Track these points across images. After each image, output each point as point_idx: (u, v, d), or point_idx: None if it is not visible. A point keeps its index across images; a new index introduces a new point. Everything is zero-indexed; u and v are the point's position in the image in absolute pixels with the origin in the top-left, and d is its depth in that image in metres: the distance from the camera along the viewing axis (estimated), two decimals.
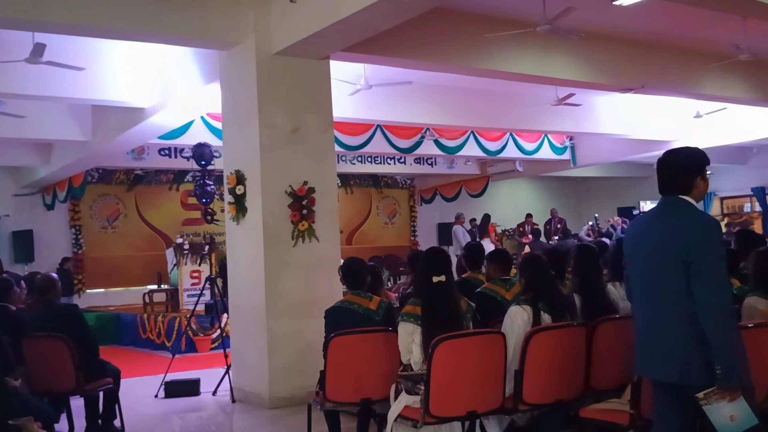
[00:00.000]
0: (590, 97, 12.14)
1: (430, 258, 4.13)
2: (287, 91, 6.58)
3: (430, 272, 4.03)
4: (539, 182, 21.23)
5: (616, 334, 4.16)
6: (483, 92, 11.52)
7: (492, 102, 11.79)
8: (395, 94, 10.45)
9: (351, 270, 4.64)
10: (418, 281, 4.20)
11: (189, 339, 9.97)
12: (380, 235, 18.89)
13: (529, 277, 4.13)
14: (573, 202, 21.81)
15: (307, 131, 6.65)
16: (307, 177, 6.55)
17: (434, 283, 4.00)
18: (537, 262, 4.19)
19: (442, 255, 4.15)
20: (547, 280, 4.12)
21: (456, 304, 4.06)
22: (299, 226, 6.46)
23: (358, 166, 16.06)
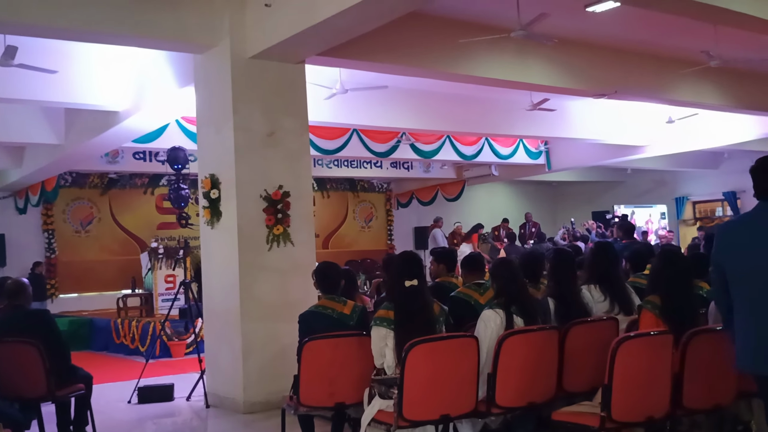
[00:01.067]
0: (564, 103, 12.25)
1: (402, 262, 4.14)
2: (262, 95, 6.56)
3: (403, 276, 4.04)
4: (515, 186, 21.35)
5: (588, 337, 4.20)
6: (459, 97, 11.57)
7: (467, 107, 11.85)
8: (371, 98, 10.46)
9: (324, 274, 4.63)
10: (391, 285, 4.21)
11: (163, 344, 9.88)
12: (357, 239, 18.87)
13: (500, 282, 4.15)
14: (548, 206, 21.96)
15: (283, 135, 6.64)
16: (283, 181, 6.54)
17: (407, 287, 4.01)
18: (508, 266, 4.21)
19: (415, 259, 4.16)
20: (518, 284, 4.15)
21: (429, 308, 4.07)
22: (274, 230, 6.45)
23: (334, 170, 16.04)
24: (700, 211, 20.24)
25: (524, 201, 21.25)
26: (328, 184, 18.06)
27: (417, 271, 4.09)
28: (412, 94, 11.13)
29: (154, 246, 12.30)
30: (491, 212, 19.48)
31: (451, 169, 17.97)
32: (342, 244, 18.44)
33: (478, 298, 4.80)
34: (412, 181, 18.57)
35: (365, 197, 19.14)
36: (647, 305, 4.00)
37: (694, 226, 19.48)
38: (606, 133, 13.50)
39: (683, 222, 19.98)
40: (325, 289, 4.65)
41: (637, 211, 19.04)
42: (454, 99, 11.58)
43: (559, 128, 13.01)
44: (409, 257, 4.20)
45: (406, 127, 12.16)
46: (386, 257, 6.44)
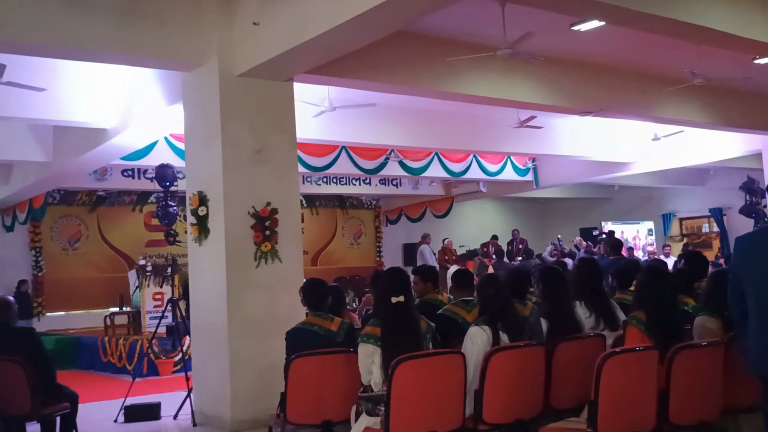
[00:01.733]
0: (551, 120, 12.33)
1: (388, 278, 4.13)
2: (251, 113, 6.57)
3: (389, 292, 4.03)
4: (503, 203, 21.42)
5: (575, 353, 4.20)
6: (446, 114, 11.63)
7: (455, 124, 11.91)
8: (359, 115, 10.50)
9: (311, 291, 4.62)
10: (378, 302, 4.20)
11: (151, 362, 9.80)
12: (345, 255, 18.85)
13: (486, 298, 4.15)
14: (536, 222, 22.02)
15: (271, 152, 6.64)
16: (271, 198, 6.54)
17: (393, 303, 4.00)
18: (494, 282, 4.22)
19: (401, 275, 4.16)
20: (504, 300, 4.15)
21: (416, 324, 4.06)
22: (262, 246, 6.43)
23: (323, 187, 16.05)
24: (686, 227, 20.37)
25: (512, 217, 21.30)
26: (317, 200, 18.07)
27: (403, 286, 4.08)
28: (400, 112, 11.18)
29: (142, 263, 12.22)
30: (479, 229, 19.50)
31: (440, 186, 18.02)
32: (331, 261, 18.40)
33: (465, 316, 4.80)
34: (400, 197, 18.60)
35: (354, 214, 19.14)
36: (633, 321, 4.01)
37: (681, 242, 19.59)
38: (593, 150, 13.59)
39: (670, 238, 20.09)
40: (312, 305, 4.63)
41: (624, 227, 19.12)
42: (442, 116, 11.64)
43: (547, 145, 13.09)
44: (396, 273, 4.20)
45: (394, 145, 12.21)
46: (374, 273, 6.42)
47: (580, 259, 5.72)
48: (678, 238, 20.14)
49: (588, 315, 4.64)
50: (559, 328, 4.31)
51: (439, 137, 11.92)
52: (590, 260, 5.23)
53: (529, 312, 4.80)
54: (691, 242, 19.47)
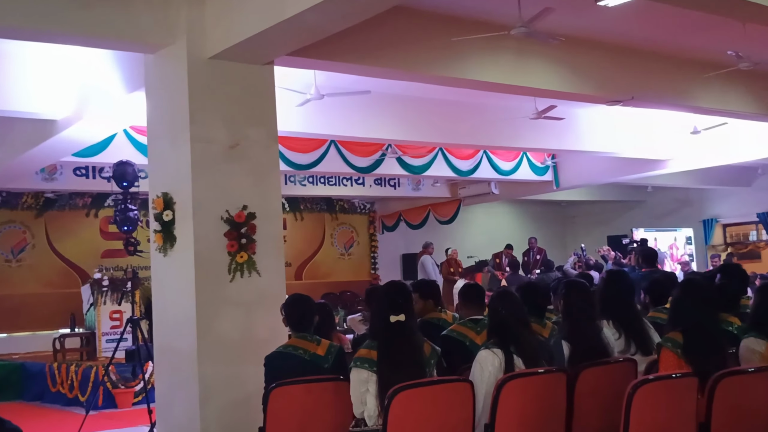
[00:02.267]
0: (574, 110, 12.36)
1: (387, 294, 4.14)
2: (224, 101, 6.56)
3: (388, 310, 4.04)
4: (518, 207, 21.46)
5: (601, 381, 4.21)
6: (452, 104, 11.65)
7: (463, 115, 11.93)
8: (351, 105, 10.51)
9: (294, 309, 4.63)
10: (374, 321, 4.21)
11: (107, 392, 9.79)
12: (335, 268, 18.85)
13: (498, 316, 4.16)
14: (557, 229, 22.07)
15: (248, 147, 6.63)
16: (248, 200, 6.52)
17: (392, 323, 4.01)
18: (508, 299, 4.23)
19: (402, 290, 4.17)
20: (518, 318, 4.15)
21: (418, 347, 4.07)
22: (237, 257, 6.42)
23: (309, 188, 16.06)
24: (731, 235, 20.41)
25: (529, 224, 21.35)
26: (302, 204, 18.08)
27: (404, 304, 4.10)
28: (398, 101, 11.19)
29: (97, 277, 12.20)
30: (491, 236, 19.54)
31: (445, 187, 18.05)
32: (317, 274, 18.41)
33: (473, 338, 4.80)
34: (399, 200, 18.62)
35: (345, 219, 19.15)
36: (668, 343, 4.02)
37: (724, 252, 19.63)
38: (622, 145, 13.62)
39: (712, 248, 20.13)
40: (295, 326, 4.64)
41: (658, 235, 19.17)
42: (448, 106, 11.65)
43: (569, 140, 13.12)
44: (395, 288, 4.21)
45: (392, 138, 12.22)
46: (369, 289, 6.42)
47: (608, 271, 5.75)
48: (721, 248, 20.18)
49: (617, 336, 4.65)
50: (583, 352, 4.32)
51: (443, 130, 11.94)
52: (620, 273, 5.25)
53: (548, 333, 4.81)
54: (736, 252, 19.52)
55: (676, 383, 3.74)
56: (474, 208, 19.55)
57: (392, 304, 4.07)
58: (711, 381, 3.77)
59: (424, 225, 18.71)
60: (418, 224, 18.78)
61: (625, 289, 4.86)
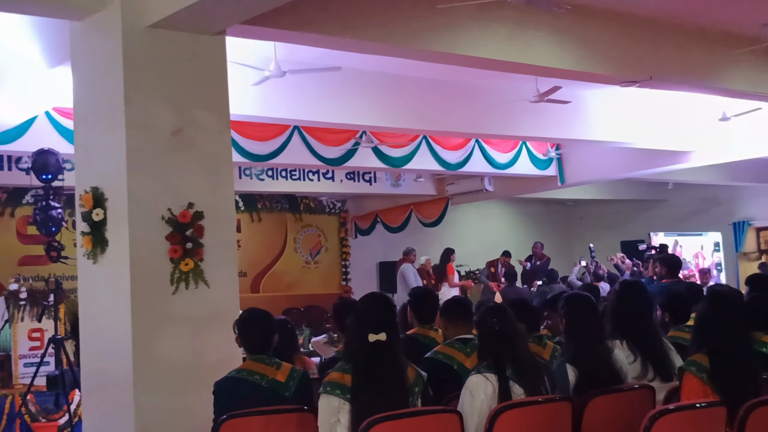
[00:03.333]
0: (582, 93, 12.42)
1: (365, 307, 4.14)
2: (166, 79, 6.54)
3: (366, 328, 4.04)
4: (516, 207, 21.53)
5: (613, 410, 4.24)
6: (439, 84, 11.66)
7: (451, 97, 11.94)
8: (319, 84, 10.49)
9: (249, 327, 4.64)
10: (349, 340, 4.21)
11: (25, 426, 9.71)
12: (299, 278, 18.83)
13: (490, 335, 4.17)
14: (561, 233, 22.19)
15: (195, 133, 6.61)
16: (194, 197, 6.50)
17: (371, 343, 4.01)
18: (501, 314, 4.24)
19: (383, 303, 4.18)
20: (514, 338, 4.16)
21: (400, 372, 4.08)
22: (181, 265, 6.40)
23: (268, 183, 16.01)
24: (766, 240, 20.56)
25: (529, 226, 21.45)
26: (259, 202, 18.04)
27: (386, 319, 4.11)
28: (375, 80, 11.19)
29: (13, 289, 12.08)
30: (484, 241, 19.60)
31: (430, 183, 18.07)
32: (279, 286, 18.39)
33: (462, 361, 4.82)
34: (375, 198, 18.62)
35: (311, 221, 19.13)
36: (691, 367, 4.05)
37: (757, 260, 19.79)
38: (638, 134, 13.69)
39: (743, 255, 20.29)
40: (251, 347, 4.63)
41: (681, 240, 19.30)
42: (433, 87, 11.66)
43: (576, 127, 13.18)
44: (375, 300, 4.23)
45: (367, 125, 12.20)
46: (338, 303, 6.40)
47: (622, 282, 5.78)
48: (754, 255, 20.35)
49: (631, 359, 4.68)
50: (592, 378, 4.34)
51: (428, 115, 11.95)
52: (634, 284, 5.29)
53: (549, 355, 4.84)
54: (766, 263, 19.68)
55: (700, 414, 3.77)
56: (464, 208, 19.59)
57: (372, 319, 4.07)
58: (742, 411, 3.80)
59: (404, 228, 18.71)
60: (398, 227, 18.78)
61: (641, 304, 4.90)
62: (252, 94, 9.83)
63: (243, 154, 12.26)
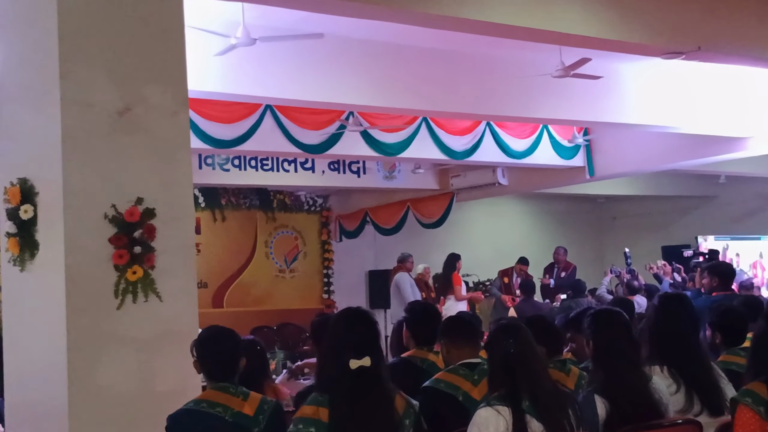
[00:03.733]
0: (616, 66, 12.42)
1: (343, 326, 4.13)
2: (111, 47, 6.53)
3: (345, 351, 4.03)
4: (535, 204, 21.54)
5: None
6: (443, 55, 11.66)
7: (458, 71, 11.94)
8: (296, 55, 10.48)
9: (210, 349, 4.63)
10: (325, 366, 4.20)
11: None
12: (271, 290, 18.84)
13: (502, 360, 4.16)
14: (590, 236, 22.20)
15: (145, 114, 6.60)
16: (144, 191, 6.49)
17: (352, 370, 4.00)
18: (516, 334, 4.24)
19: (365, 321, 4.17)
20: (532, 363, 4.16)
21: (388, 404, 4.07)
22: (128, 273, 6.39)
23: (234, 175, 15.99)
24: None
25: (551, 228, 21.45)
26: (224, 197, 18.02)
27: (369, 341, 4.09)
28: (365, 49, 11.18)
29: None
30: (496, 246, 19.61)
31: (431, 175, 18.07)
32: (246, 300, 18.42)
33: (469, 391, 4.82)
34: (365, 194, 18.63)
35: (286, 220, 19.13)
36: (746, 398, 4.05)
37: None
38: (684, 117, 13.70)
39: None
40: (212, 373, 4.63)
41: (735, 245, 19.31)
42: (436, 58, 11.66)
43: (608, 108, 13.18)
44: (356, 317, 4.21)
45: (354, 103, 12.18)
46: (317, 321, 6.40)
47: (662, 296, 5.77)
48: None
49: (674, 389, 4.68)
50: (625, 411, 4.34)
51: (429, 92, 11.94)
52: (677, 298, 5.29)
53: (573, 384, 4.84)
54: None
55: None
56: (472, 205, 19.59)
57: (352, 341, 4.06)
58: None
59: (400, 229, 18.70)
60: (392, 228, 18.77)
61: (686, 321, 4.90)
62: (215, 66, 9.81)
63: (204, 139, 12.23)
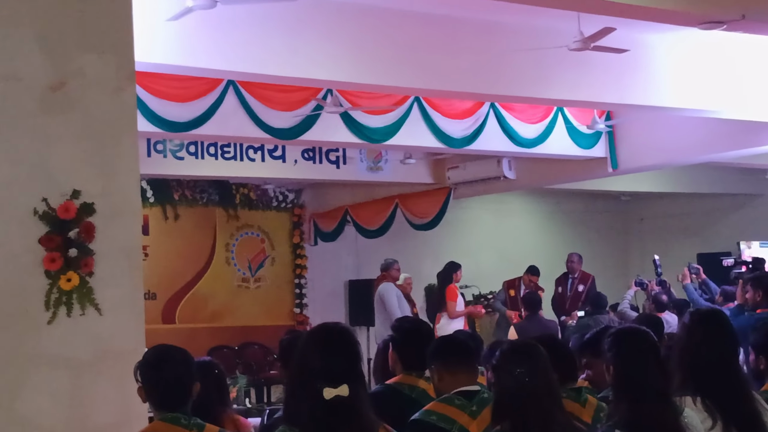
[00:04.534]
0: (644, 38, 12.43)
1: (317, 346, 4.13)
2: (41, 10, 6.53)
3: (319, 377, 4.03)
4: (547, 202, 21.58)
5: None
6: (438, 22, 11.65)
7: (455, 42, 11.94)
8: (264, 21, 10.49)
9: (158, 372, 4.63)
10: (294, 394, 4.21)
11: None
12: (232, 303, 18.87)
13: (512, 388, 4.18)
14: (612, 241, 22.23)
15: (83, 90, 6.62)
16: (81, 183, 6.50)
17: (326, 400, 4.01)
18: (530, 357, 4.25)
19: (343, 341, 4.16)
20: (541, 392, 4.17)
21: None
22: (62, 281, 6.40)
23: (190, 164, 15.97)
24: None
25: (567, 231, 21.48)
26: (177, 191, 18.01)
27: (347, 365, 4.09)
28: (345, 15, 11.18)
29: None
30: (501, 251, 19.67)
31: (423, 166, 18.09)
32: (203, 315, 18.46)
33: (465, 425, 4.85)
34: (345, 188, 18.65)
35: (251, 219, 19.14)
36: None
37: None
38: (725, 99, 13.73)
39: None
40: (160, 401, 4.63)
41: None
42: (430, 25, 11.65)
43: (635, 87, 13.19)
44: (332, 336, 4.20)
45: (333, 80, 12.18)
46: (286, 339, 6.40)
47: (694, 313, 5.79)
48: None
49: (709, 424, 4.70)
50: None
51: (422, 66, 11.94)
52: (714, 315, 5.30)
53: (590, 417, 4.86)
54: None
55: None
56: (473, 203, 19.62)
57: (327, 366, 4.06)
58: None
59: (387, 230, 18.70)
60: (378, 229, 18.77)
61: (724, 344, 4.91)
62: (167, 34, 9.80)
63: (153, 120, 12.20)
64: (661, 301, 14.18)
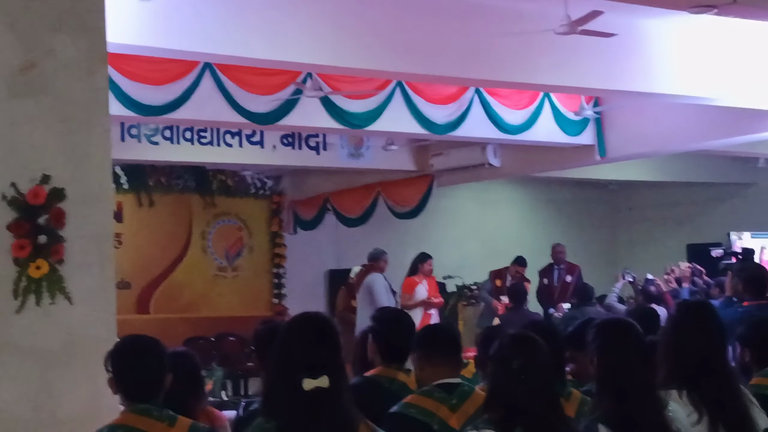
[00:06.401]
0: (633, 22, 12.45)
1: (296, 336, 4.13)
2: None
3: (298, 368, 4.03)
4: (534, 191, 21.59)
5: None
6: (419, 3, 11.65)
7: (439, 24, 11.94)
8: (241, 1, 10.47)
9: (129, 362, 4.62)
10: (272, 385, 4.20)
11: None
12: (209, 293, 18.89)
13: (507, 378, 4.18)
14: (600, 230, 22.25)
15: (53, 72, 6.60)
16: (51, 168, 6.49)
17: (306, 391, 4.01)
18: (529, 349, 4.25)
19: (323, 331, 4.16)
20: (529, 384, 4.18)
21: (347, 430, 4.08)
22: (31, 269, 6.39)
23: (164, 149, 15.95)
24: None
25: (553, 220, 21.51)
26: (151, 177, 17.98)
27: (327, 355, 4.09)
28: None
29: None
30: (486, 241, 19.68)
31: (406, 153, 18.07)
32: (178, 305, 18.49)
33: (446, 418, 4.85)
34: (325, 175, 18.65)
35: (228, 207, 19.14)
36: None
37: None
38: (716, 85, 13.75)
39: None
40: (131, 392, 4.63)
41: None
42: (413, 7, 11.65)
43: (624, 73, 13.21)
44: (311, 325, 4.20)
45: (312, 63, 12.17)
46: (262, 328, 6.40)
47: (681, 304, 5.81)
48: None
49: (695, 418, 4.71)
50: None
51: (405, 50, 11.93)
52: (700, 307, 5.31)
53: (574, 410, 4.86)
54: None
55: None
56: (457, 191, 19.62)
57: (307, 355, 4.06)
58: None
59: (368, 219, 18.70)
60: (359, 218, 18.78)
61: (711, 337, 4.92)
62: (141, 14, 9.79)
63: (127, 104, 12.18)
64: (650, 293, 14.17)
